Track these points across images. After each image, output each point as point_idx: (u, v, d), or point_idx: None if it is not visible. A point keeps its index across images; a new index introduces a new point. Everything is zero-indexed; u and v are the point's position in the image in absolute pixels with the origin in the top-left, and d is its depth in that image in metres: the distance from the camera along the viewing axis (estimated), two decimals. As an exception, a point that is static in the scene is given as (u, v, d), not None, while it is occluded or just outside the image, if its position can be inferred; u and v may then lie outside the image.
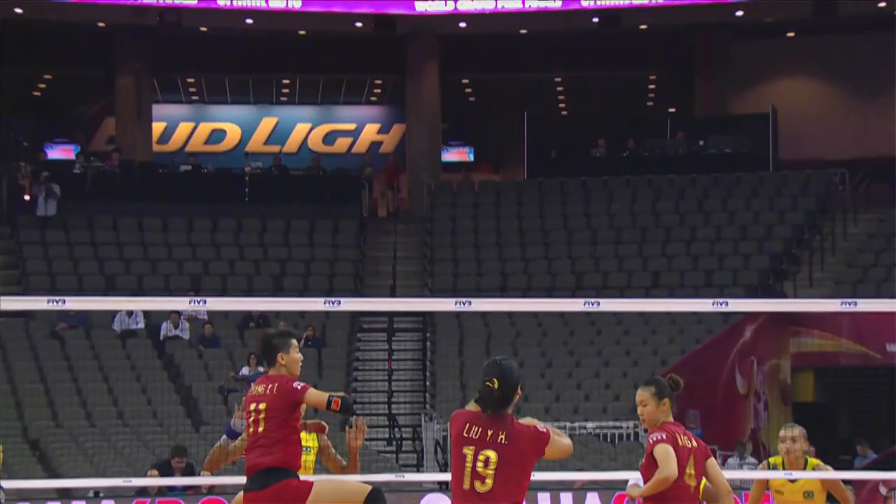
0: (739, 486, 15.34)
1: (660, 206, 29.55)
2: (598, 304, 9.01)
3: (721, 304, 8.62)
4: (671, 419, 7.87)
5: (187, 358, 24.86)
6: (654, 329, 26.29)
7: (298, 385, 7.73)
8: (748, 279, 27.21)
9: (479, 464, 6.40)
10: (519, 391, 6.63)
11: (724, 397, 23.74)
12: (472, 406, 6.63)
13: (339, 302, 8.92)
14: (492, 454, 6.42)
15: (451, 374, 24.94)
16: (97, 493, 18.56)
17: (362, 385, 25.91)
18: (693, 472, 7.72)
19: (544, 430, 6.53)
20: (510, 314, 26.38)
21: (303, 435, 8.35)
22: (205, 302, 8.98)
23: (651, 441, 7.72)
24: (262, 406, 7.74)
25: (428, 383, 25.48)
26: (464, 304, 9.10)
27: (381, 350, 27.00)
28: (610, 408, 24.27)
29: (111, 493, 18.15)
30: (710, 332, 25.26)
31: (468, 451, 6.43)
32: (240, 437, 8.46)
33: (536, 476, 14.08)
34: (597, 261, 28.46)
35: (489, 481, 6.39)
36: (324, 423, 8.69)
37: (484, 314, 26.04)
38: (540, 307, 23.34)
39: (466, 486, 6.39)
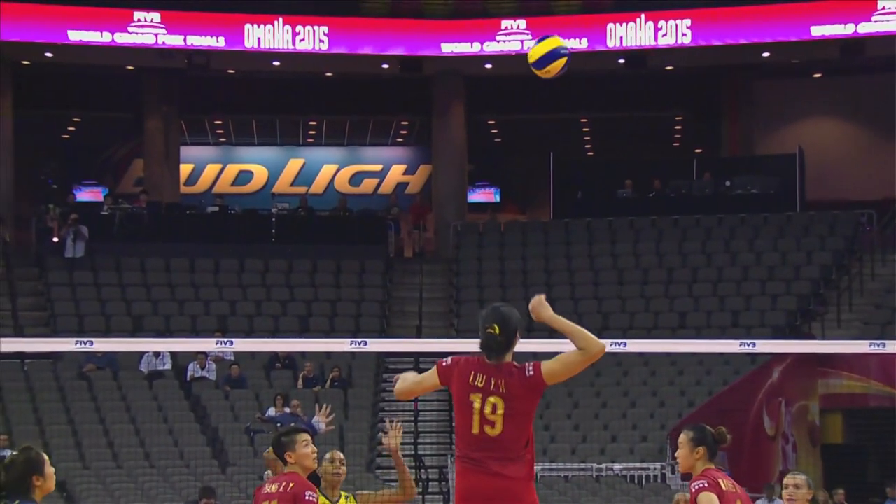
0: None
1: (686, 247, 29.52)
2: (625, 344, 9.03)
3: (748, 345, 8.62)
4: (709, 467, 7.83)
5: (214, 399, 24.91)
6: (681, 370, 26.20)
7: (309, 496, 7.71)
8: (775, 320, 27.11)
9: (488, 409, 6.47)
10: (518, 336, 6.80)
11: (752, 439, 23.62)
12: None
13: (366, 343, 8.97)
14: (498, 401, 6.48)
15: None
16: (124, 534, 18.58)
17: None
18: None
19: (531, 371, 6.60)
20: (536, 354, 26.27)
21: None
22: (231, 343, 9.06)
23: (693, 490, 7.72)
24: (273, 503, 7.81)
25: (454, 424, 25.48)
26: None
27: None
28: (637, 449, 24.18)
29: (138, 534, 18.18)
30: (737, 374, 25.17)
31: (475, 399, 6.50)
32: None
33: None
34: (623, 301, 28.42)
35: (499, 426, 6.46)
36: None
37: (510, 355, 25.97)
38: (566, 347, 23.31)
39: (476, 431, 6.47)
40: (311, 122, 36.71)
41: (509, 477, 6.46)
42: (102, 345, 8.25)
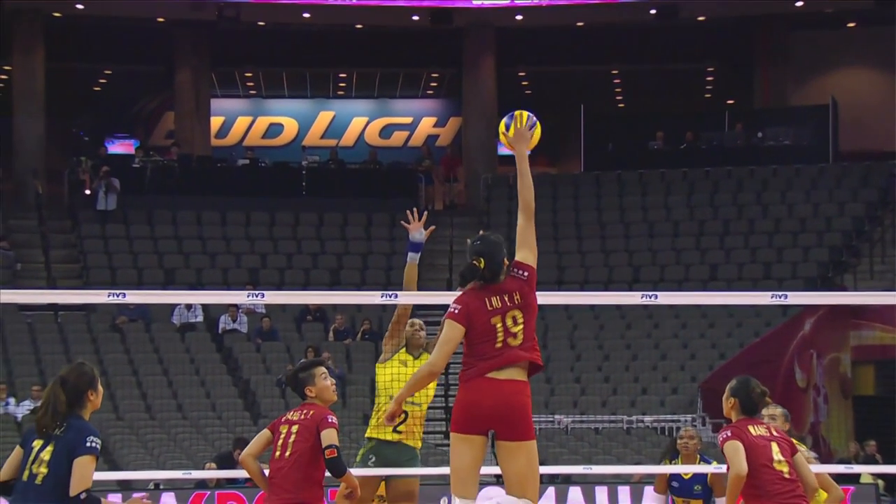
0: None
1: (718, 199, 29.38)
2: (656, 297, 8.98)
3: (780, 297, 8.56)
4: (744, 418, 7.80)
5: (245, 351, 25.02)
6: (712, 322, 26.15)
7: (331, 419, 7.89)
8: (807, 272, 26.99)
9: (509, 322, 7.05)
10: (506, 263, 7.21)
11: (784, 391, 23.56)
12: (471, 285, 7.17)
13: (396, 295, 8.96)
14: (517, 313, 7.08)
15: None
16: (157, 485, 18.74)
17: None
18: (783, 458, 7.65)
19: (525, 273, 7.19)
20: (567, 307, 26.33)
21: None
22: (263, 295, 9.05)
23: (719, 440, 7.74)
24: (294, 429, 7.90)
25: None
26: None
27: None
28: (668, 401, 24.18)
29: (171, 485, 18.32)
30: (768, 326, 25.09)
31: (496, 320, 7.05)
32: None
33: (594, 469, 14.07)
34: (654, 254, 28.34)
35: (520, 335, 7.06)
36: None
37: (541, 307, 25.90)
38: (597, 300, 23.30)
39: (500, 345, 7.03)
40: (341, 75, 36.60)
41: (522, 381, 7.08)
42: (135, 297, 8.29)
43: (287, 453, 7.83)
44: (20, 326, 25.09)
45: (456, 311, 7.10)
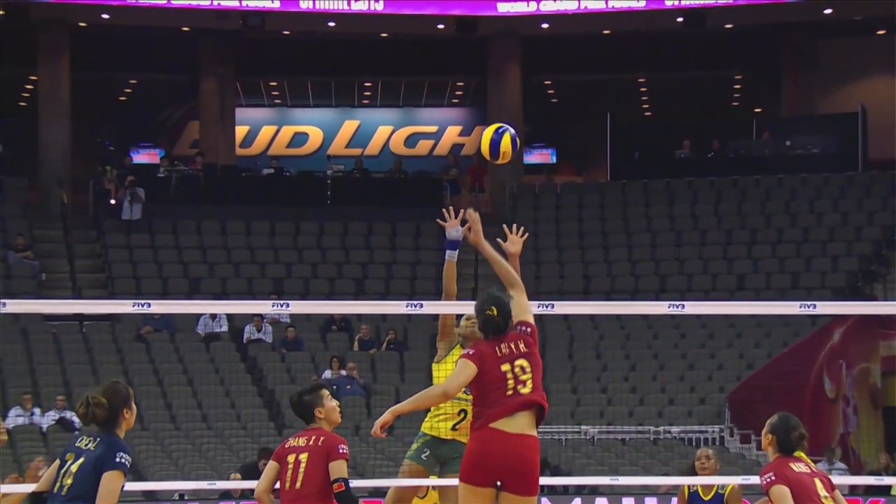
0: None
1: (745, 208, 29.29)
2: (683, 306, 8.96)
3: (808, 306, 8.53)
4: (780, 456, 7.76)
5: (270, 361, 25.07)
6: (740, 332, 26.06)
7: (343, 449, 7.80)
8: (836, 281, 26.88)
9: (518, 371, 7.45)
10: (512, 317, 7.73)
11: (813, 402, 23.47)
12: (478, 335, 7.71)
13: (422, 305, 8.96)
14: (524, 362, 7.50)
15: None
16: (182, 495, 18.79)
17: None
18: (828, 493, 7.66)
19: (527, 329, 7.69)
20: (593, 317, 26.28)
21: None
22: (288, 305, 9.07)
23: (763, 485, 7.68)
24: (302, 457, 7.78)
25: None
26: (546, 306, 9.10)
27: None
28: (695, 412, 24.10)
29: (196, 495, 18.36)
30: (797, 336, 25.00)
31: (506, 368, 7.47)
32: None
33: (621, 480, 14.05)
34: (681, 263, 28.27)
35: (529, 383, 7.46)
36: None
37: (566, 317, 25.96)
38: (623, 310, 23.21)
39: (510, 392, 7.41)
40: (366, 84, 36.68)
41: (533, 436, 7.43)
42: (159, 307, 8.33)
43: (297, 484, 7.71)
44: (45, 336, 25.20)
45: (471, 353, 7.53)
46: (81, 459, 6.96)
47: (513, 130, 8.76)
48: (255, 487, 7.96)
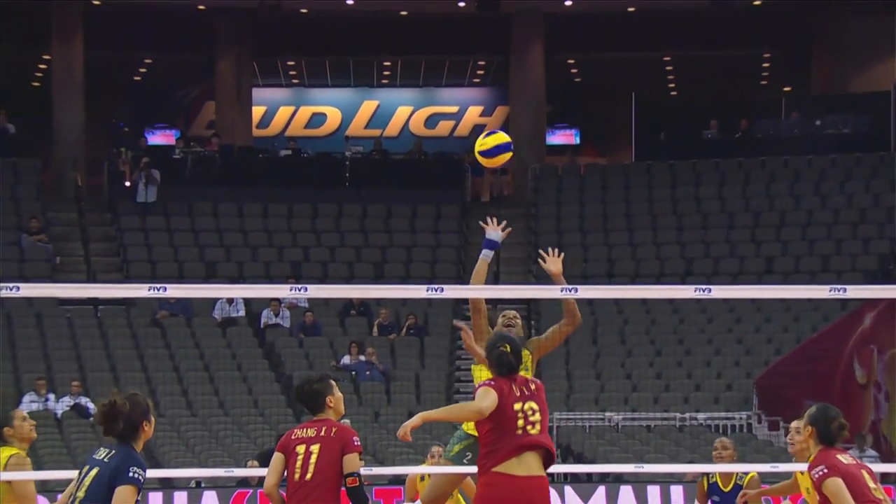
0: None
1: (774, 189, 29.20)
2: (710, 290, 8.93)
3: (839, 290, 8.50)
4: (822, 448, 7.74)
5: (288, 346, 25.12)
6: (768, 317, 26.01)
7: (357, 441, 7.78)
8: (867, 264, 26.78)
9: (528, 411, 7.71)
10: (522, 356, 8.06)
11: (842, 388, 23.37)
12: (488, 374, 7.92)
13: (442, 289, 8.95)
14: (533, 404, 7.74)
15: (557, 364, 24.90)
16: (199, 483, 18.86)
17: (465, 374, 25.94)
18: (876, 484, 7.67)
19: (533, 384, 7.91)
20: (617, 301, 26.25)
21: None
22: (306, 289, 9.07)
23: (815, 479, 7.65)
24: (314, 448, 7.69)
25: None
26: (570, 290, 9.08)
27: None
28: (722, 398, 24.08)
29: (213, 483, 18.43)
30: (826, 320, 24.90)
31: (518, 406, 7.69)
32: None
33: (646, 468, 14.07)
34: (708, 246, 28.21)
35: (538, 426, 7.70)
36: None
37: (590, 301, 25.93)
38: (649, 294, 23.18)
39: (520, 431, 7.63)
40: (385, 63, 36.64)
41: (541, 476, 7.68)
42: (175, 291, 8.32)
43: (308, 475, 7.64)
44: (59, 321, 25.31)
45: (492, 384, 7.75)
46: (95, 471, 6.97)
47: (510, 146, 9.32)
48: (265, 483, 7.86)
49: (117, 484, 6.85)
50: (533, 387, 7.80)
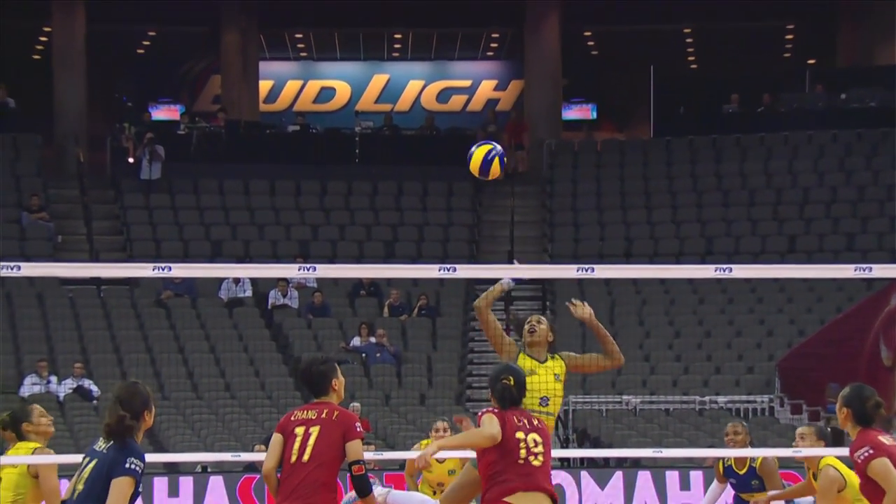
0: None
1: (797, 165, 29.13)
2: (731, 270, 8.91)
3: (864, 269, 8.47)
4: (861, 429, 7.73)
5: (296, 327, 25.16)
6: (791, 297, 25.98)
7: (359, 427, 7.83)
8: (894, 243, 26.72)
9: (531, 443, 7.81)
10: (524, 389, 8.11)
11: (868, 370, 23.35)
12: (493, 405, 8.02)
13: (455, 269, 8.95)
14: (537, 436, 7.85)
15: (573, 345, 24.81)
16: (205, 468, 18.91)
17: (479, 356, 25.99)
18: None
19: (539, 422, 8.09)
20: (635, 281, 26.24)
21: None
22: (314, 269, 9.06)
23: (860, 461, 7.63)
24: (313, 430, 7.72)
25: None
26: (586, 270, 9.07)
27: (498, 320, 26.92)
28: (743, 381, 24.07)
29: (219, 468, 18.49)
30: (851, 300, 24.89)
31: (521, 436, 7.82)
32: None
33: (665, 453, 14.07)
34: (728, 224, 28.17)
35: (540, 458, 7.82)
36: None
37: (607, 281, 25.93)
38: (667, 274, 23.15)
39: (522, 461, 7.75)
40: (396, 36, 36.60)
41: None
42: (180, 271, 8.33)
43: (306, 457, 7.68)
44: (61, 301, 25.36)
45: (495, 411, 7.88)
46: (94, 462, 6.99)
47: (501, 150, 9.57)
48: (263, 465, 7.88)
49: (114, 475, 6.87)
50: (536, 422, 7.93)
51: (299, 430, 7.75)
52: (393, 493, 11.04)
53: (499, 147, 9.51)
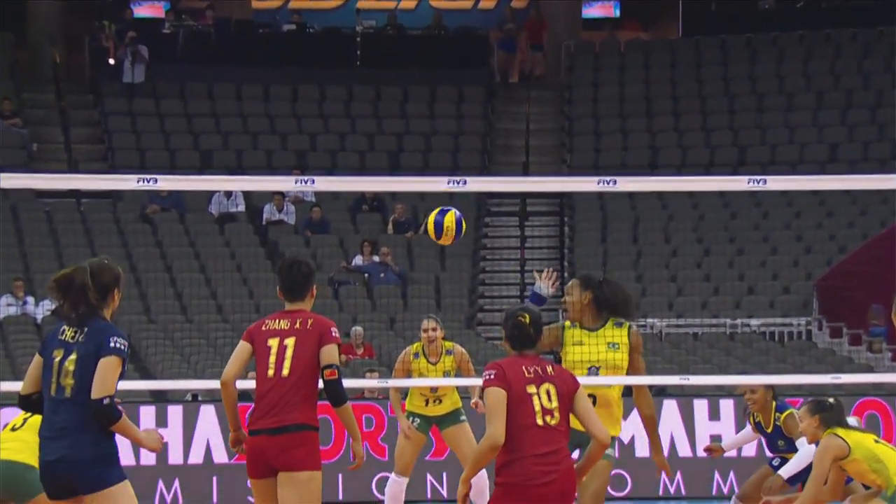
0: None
1: (840, 66, 29.02)
2: (765, 181, 8.93)
3: (911, 181, 8.48)
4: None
5: (293, 245, 25.23)
6: (831, 210, 26.00)
7: (335, 332, 7.86)
8: (944, 153, 26.70)
9: (545, 398, 7.36)
10: (542, 332, 7.74)
11: (914, 290, 23.41)
12: (508, 350, 7.60)
13: (465, 181, 8.98)
14: (551, 387, 7.37)
15: (593, 265, 24.97)
16: (195, 396, 19.05)
17: (490, 277, 26.08)
18: None
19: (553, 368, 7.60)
20: (661, 195, 26.25)
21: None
22: (313, 182, 9.10)
23: None
24: (289, 342, 7.80)
25: (566, 274, 25.57)
26: (608, 183, 9.10)
27: (512, 237, 27.09)
28: (778, 302, 24.15)
29: (210, 396, 18.62)
30: (896, 215, 24.92)
31: (532, 389, 7.35)
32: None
33: (693, 380, 14.14)
34: (763, 131, 28.13)
35: (557, 414, 7.35)
36: None
37: (631, 195, 25.95)
38: (697, 186, 23.19)
39: (540, 422, 7.30)
40: (400, -76, 36.31)
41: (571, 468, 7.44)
42: (167, 183, 8.36)
43: (284, 371, 7.77)
44: (38, 215, 25.43)
45: (492, 377, 7.39)
46: (74, 354, 7.03)
47: (458, 213, 9.91)
48: (224, 372, 7.91)
49: (100, 356, 6.94)
50: (551, 369, 7.46)
51: (273, 343, 7.87)
52: None
53: (452, 209, 9.83)
